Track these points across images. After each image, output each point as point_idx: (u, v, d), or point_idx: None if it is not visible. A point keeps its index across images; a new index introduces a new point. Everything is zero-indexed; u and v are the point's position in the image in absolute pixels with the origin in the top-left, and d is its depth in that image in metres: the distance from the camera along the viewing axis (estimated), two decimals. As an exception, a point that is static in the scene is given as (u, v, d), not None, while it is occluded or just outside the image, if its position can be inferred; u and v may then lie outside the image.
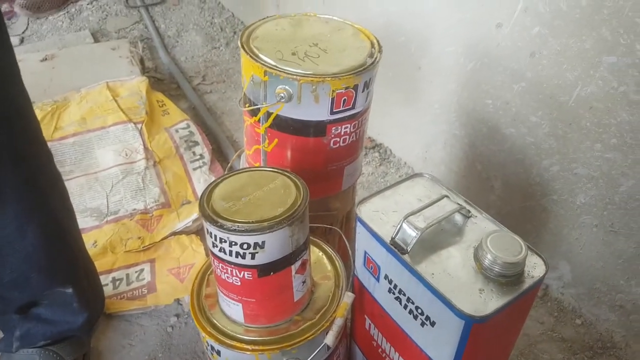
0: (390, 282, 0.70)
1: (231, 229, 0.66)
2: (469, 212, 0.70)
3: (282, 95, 0.80)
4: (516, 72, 1.06)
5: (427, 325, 0.66)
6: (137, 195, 1.38)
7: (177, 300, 1.17)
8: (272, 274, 0.71)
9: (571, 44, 0.94)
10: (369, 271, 0.75)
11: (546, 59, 0.99)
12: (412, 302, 0.67)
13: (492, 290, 0.61)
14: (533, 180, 1.12)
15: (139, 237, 1.28)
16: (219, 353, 0.78)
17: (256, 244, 0.66)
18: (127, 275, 1.22)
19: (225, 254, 0.68)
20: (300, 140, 0.86)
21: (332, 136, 0.86)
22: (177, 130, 1.58)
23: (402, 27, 1.34)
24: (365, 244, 0.72)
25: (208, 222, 0.67)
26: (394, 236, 0.67)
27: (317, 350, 0.77)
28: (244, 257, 0.68)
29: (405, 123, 1.48)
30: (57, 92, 1.65)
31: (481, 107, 1.18)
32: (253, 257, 0.68)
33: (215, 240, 0.68)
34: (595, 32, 0.89)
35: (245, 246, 0.67)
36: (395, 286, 0.69)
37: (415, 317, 0.67)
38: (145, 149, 1.48)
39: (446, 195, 0.72)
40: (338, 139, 0.87)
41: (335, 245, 1.01)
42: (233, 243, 0.67)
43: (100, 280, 1.08)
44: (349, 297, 0.79)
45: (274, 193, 0.72)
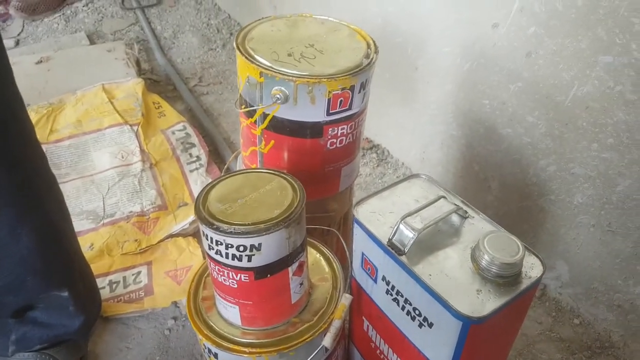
0: (387, 284, 0.70)
1: (227, 231, 0.65)
2: (466, 212, 0.70)
3: (278, 96, 0.80)
4: (512, 72, 1.06)
5: (424, 326, 0.65)
6: (133, 198, 1.37)
7: (174, 302, 1.17)
8: (269, 276, 0.71)
9: (567, 43, 0.94)
10: (366, 273, 0.74)
11: (542, 59, 0.99)
12: (410, 304, 0.66)
13: (490, 291, 0.60)
14: (530, 181, 1.12)
15: (136, 240, 1.28)
16: (216, 356, 0.78)
17: (252, 246, 0.66)
18: (124, 278, 1.21)
19: (222, 256, 0.68)
20: (296, 142, 0.86)
21: (329, 137, 0.86)
22: (173, 132, 1.57)
23: (399, 28, 1.34)
24: (363, 245, 0.72)
25: (204, 225, 0.67)
26: (391, 237, 0.67)
27: (315, 352, 0.77)
28: (240, 259, 0.67)
29: (403, 124, 1.48)
30: (52, 94, 1.65)
31: (478, 107, 1.18)
32: (249, 260, 0.68)
33: (212, 242, 0.68)
34: (591, 32, 0.90)
35: (241, 248, 0.66)
36: (392, 287, 0.69)
37: (413, 319, 0.67)
38: (142, 151, 1.48)
39: (443, 196, 0.72)
40: (335, 140, 0.87)
41: (333, 246, 1.01)
42: (229, 245, 0.66)
43: (97, 283, 1.08)
44: (346, 299, 0.79)
45: (270, 195, 0.71)
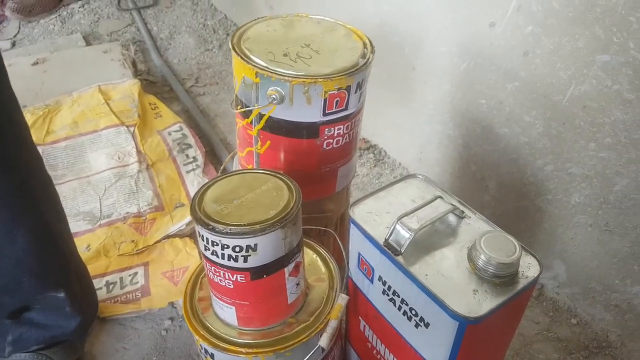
0: (384, 284, 0.69)
1: (223, 231, 0.65)
2: (463, 212, 0.70)
3: (274, 96, 0.79)
4: (509, 72, 1.06)
5: (421, 326, 0.65)
6: (130, 199, 1.37)
7: (171, 303, 1.16)
8: (265, 276, 0.70)
9: (564, 42, 0.94)
10: (363, 273, 0.74)
11: (539, 58, 0.99)
12: (406, 304, 0.66)
13: (486, 291, 0.60)
14: (527, 180, 1.12)
15: (133, 241, 1.28)
16: (212, 356, 0.78)
17: (248, 247, 0.66)
18: (121, 279, 1.21)
19: (218, 257, 0.68)
20: (293, 142, 0.86)
21: (325, 138, 0.85)
22: (169, 133, 1.57)
23: (396, 28, 1.34)
24: (359, 245, 0.72)
25: (200, 225, 0.66)
26: (387, 237, 0.66)
27: (311, 352, 0.77)
28: (236, 260, 0.67)
29: (400, 124, 1.48)
30: (48, 95, 1.64)
31: (475, 107, 1.18)
32: (245, 260, 0.67)
33: (207, 243, 0.67)
34: (588, 31, 0.89)
35: (237, 249, 0.66)
36: (389, 288, 0.69)
37: (409, 319, 0.67)
38: (138, 152, 1.48)
39: (440, 196, 0.72)
40: (331, 141, 0.86)
41: (330, 247, 1.01)
42: (225, 246, 0.66)
43: (94, 284, 1.08)
44: (343, 299, 0.79)
45: (266, 195, 0.71)
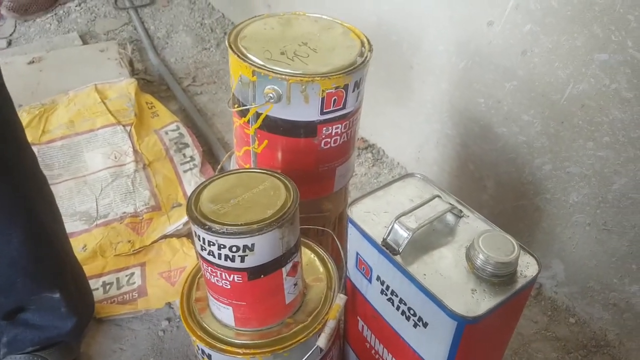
0: (382, 284, 0.69)
1: (219, 231, 0.65)
2: (461, 211, 0.70)
3: (271, 95, 0.79)
4: (508, 70, 1.06)
5: (419, 326, 0.65)
6: (126, 199, 1.36)
7: (168, 304, 1.16)
8: (262, 276, 0.70)
9: (562, 41, 0.93)
10: (361, 273, 0.74)
11: (538, 57, 0.99)
12: (405, 303, 0.66)
13: (485, 290, 0.60)
14: (525, 179, 1.11)
15: (129, 241, 1.27)
16: (209, 357, 0.77)
17: (245, 247, 0.65)
18: (118, 279, 1.20)
19: (214, 257, 0.67)
20: (290, 141, 0.85)
21: (323, 137, 0.85)
22: (166, 132, 1.56)
23: (394, 26, 1.33)
24: (357, 245, 0.72)
25: (196, 225, 0.66)
26: (385, 237, 0.66)
27: (309, 352, 0.76)
28: (233, 260, 0.67)
29: (398, 123, 1.48)
30: (44, 95, 1.63)
31: (473, 106, 1.18)
32: (242, 260, 0.67)
33: (204, 243, 0.67)
34: (586, 29, 0.89)
35: (234, 249, 0.65)
36: (387, 287, 0.68)
37: (407, 318, 0.66)
38: (135, 151, 1.47)
39: (438, 195, 0.71)
40: (329, 140, 0.86)
41: (328, 247, 1.00)
42: (222, 246, 0.66)
43: (90, 284, 1.07)
44: (341, 299, 0.79)
45: (263, 195, 0.71)
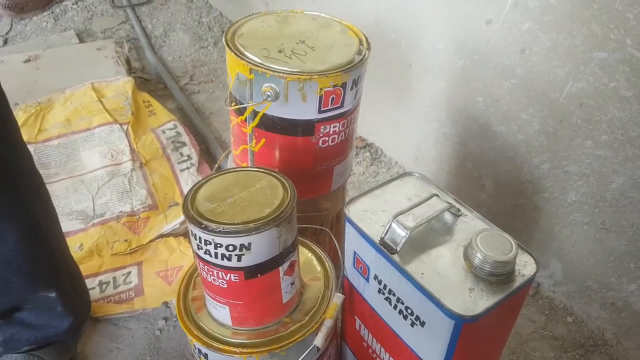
0: (379, 283, 0.69)
1: (216, 230, 0.64)
2: (459, 210, 0.70)
3: (269, 93, 0.78)
4: (506, 69, 1.06)
5: (417, 325, 0.64)
6: (123, 198, 1.36)
7: (165, 303, 1.16)
8: (259, 276, 0.70)
9: (561, 39, 0.93)
10: (358, 272, 0.73)
11: (536, 55, 0.99)
12: (402, 302, 0.66)
13: (482, 289, 0.60)
14: (524, 178, 1.11)
15: (126, 240, 1.27)
16: (206, 356, 0.77)
17: (242, 246, 0.65)
18: (114, 279, 1.20)
19: (211, 256, 0.67)
20: (288, 140, 0.85)
21: (321, 135, 0.85)
22: (163, 131, 1.56)
23: (392, 24, 1.33)
24: (355, 244, 0.71)
25: (192, 224, 0.66)
26: (383, 236, 0.66)
27: (306, 351, 0.76)
28: (230, 259, 0.66)
29: (396, 122, 1.47)
30: (41, 93, 1.62)
31: (472, 104, 1.17)
32: (239, 259, 0.66)
33: (200, 242, 0.66)
34: (585, 28, 0.89)
35: (230, 248, 0.65)
36: (384, 286, 0.68)
37: (405, 317, 0.66)
38: (132, 150, 1.46)
39: (436, 194, 0.71)
40: (327, 138, 0.86)
41: (326, 246, 1.00)
42: (218, 245, 0.65)
43: (87, 283, 1.07)
44: (338, 298, 0.78)
45: (260, 193, 0.70)
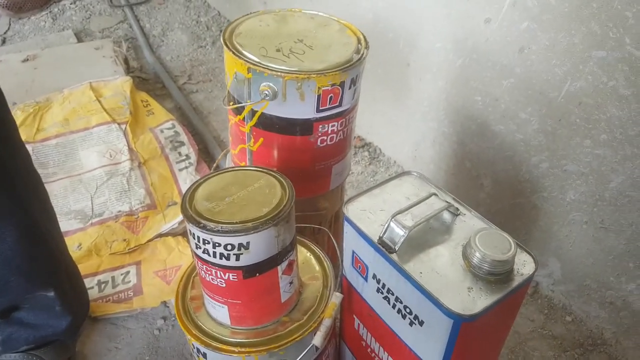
0: (378, 282, 0.69)
1: (214, 229, 0.64)
2: (458, 209, 0.69)
3: (267, 92, 0.78)
4: (505, 68, 1.06)
5: (415, 324, 0.64)
6: (122, 197, 1.36)
7: (163, 302, 1.16)
8: (257, 275, 0.69)
9: (560, 38, 0.93)
10: (357, 271, 0.73)
11: (535, 54, 0.99)
12: (401, 302, 0.66)
13: (481, 288, 0.60)
14: (523, 177, 1.11)
15: (125, 239, 1.26)
16: (205, 356, 0.77)
17: (240, 245, 0.65)
18: (113, 278, 1.20)
19: (209, 255, 0.67)
20: (286, 139, 0.85)
21: (319, 134, 0.84)
22: (162, 131, 1.56)
23: (391, 23, 1.33)
24: (353, 243, 0.71)
25: (190, 223, 0.65)
26: (381, 235, 0.66)
27: (305, 351, 0.76)
28: (228, 258, 0.66)
29: (395, 121, 1.47)
30: (39, 92, 1.62)
31: (470, 104, 1.17)
32: (238, 259, 0.66)
33: (199, 241, 0.66)
34: (584, 26, 0.89)
35: (229, 247, 0.65)
36: (383, 286, 0.68)
37: (403, 317, 0.66)
38: (130, 149, 1.46)
39: (434, 193, 0.71)
40: (325, 138, 0.85)
41: (325, 245, 1.00)
42: (217, 244, 0.65)
43: (85, 283, 1.07)
44: (337, 298, 0.78)
45: (258, 193, 0.70)
